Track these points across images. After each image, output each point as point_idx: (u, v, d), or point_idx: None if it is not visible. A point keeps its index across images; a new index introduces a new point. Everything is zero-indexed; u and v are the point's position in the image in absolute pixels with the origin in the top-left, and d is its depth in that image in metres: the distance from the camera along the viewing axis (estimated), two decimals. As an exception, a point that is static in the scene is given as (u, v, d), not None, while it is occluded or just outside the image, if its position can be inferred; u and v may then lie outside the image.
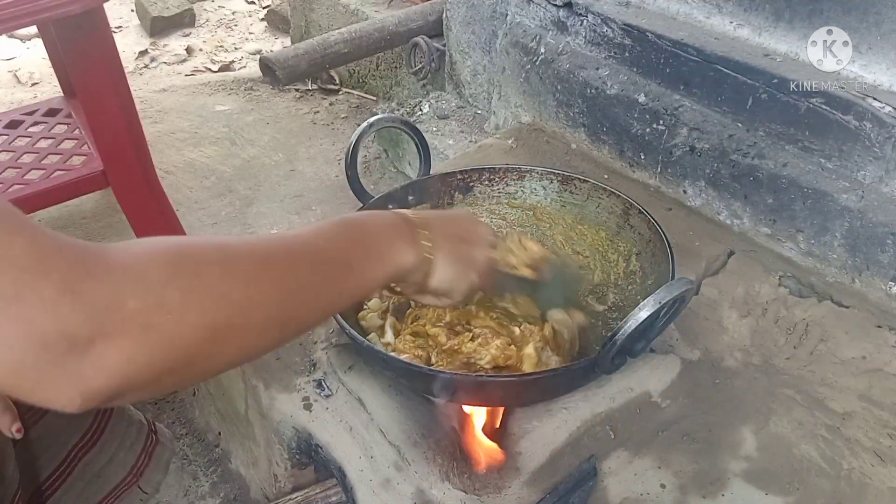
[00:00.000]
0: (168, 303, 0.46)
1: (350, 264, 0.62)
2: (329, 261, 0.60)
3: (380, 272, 0.65)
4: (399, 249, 0.67)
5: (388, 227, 0.68)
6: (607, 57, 1.39)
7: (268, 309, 0.53)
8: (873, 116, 1.02)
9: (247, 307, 0.51)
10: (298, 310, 0.57)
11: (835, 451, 0.88)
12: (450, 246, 0.73)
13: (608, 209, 1.07)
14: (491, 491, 0.84)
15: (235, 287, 0.51)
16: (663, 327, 0.80)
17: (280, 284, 0.55)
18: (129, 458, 1.10)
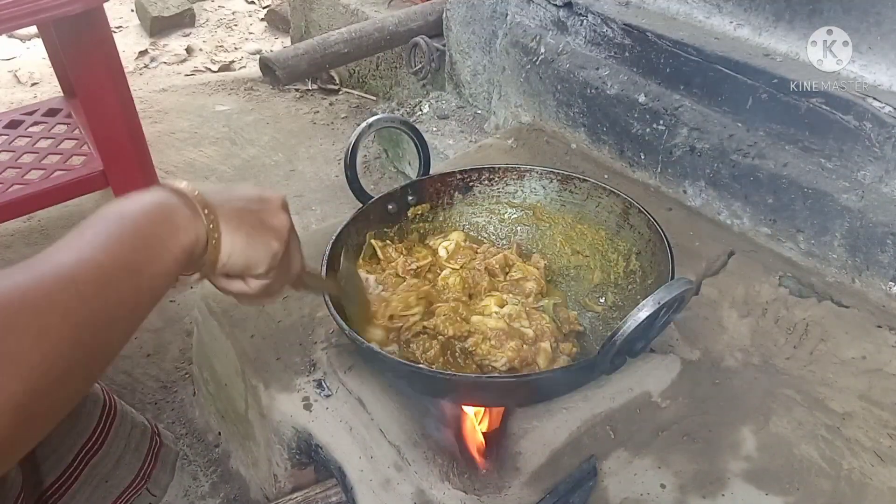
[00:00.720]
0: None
1: (137, 269, 0.53)
2: (114, 274, 0.52)
3: (169, 261, 0.56)
4: (181, 228, 0.58)
5: (161, 206, 0.58)
6: (607, 57, 1.39)
7: (66, 355, 0.46)
8: (873, 116, 1.02)
9: (44, 364, 0.44)
10: (99, 342, 0.50)
11: (835, 451, 0.88)
12: (234, 211, 0.63)
13: (608, 209, 1.07)
14: (491, 491, 0.84)
15: (24, 346, 0.44)
16: (663, 327, 0.80)
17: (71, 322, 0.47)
18: (136, 461, 1.09)
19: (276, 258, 0.66)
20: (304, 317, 1.09)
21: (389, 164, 2.06)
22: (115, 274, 0.51)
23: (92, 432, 1.02)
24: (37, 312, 0.45)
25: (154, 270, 0.55)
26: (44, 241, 1.88)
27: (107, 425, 1.04)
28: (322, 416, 0.95)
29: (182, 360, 1.48)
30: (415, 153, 1.13)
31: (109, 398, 1.05)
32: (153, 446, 1.13)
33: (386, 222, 1.10)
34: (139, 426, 1.11)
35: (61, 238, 0.53)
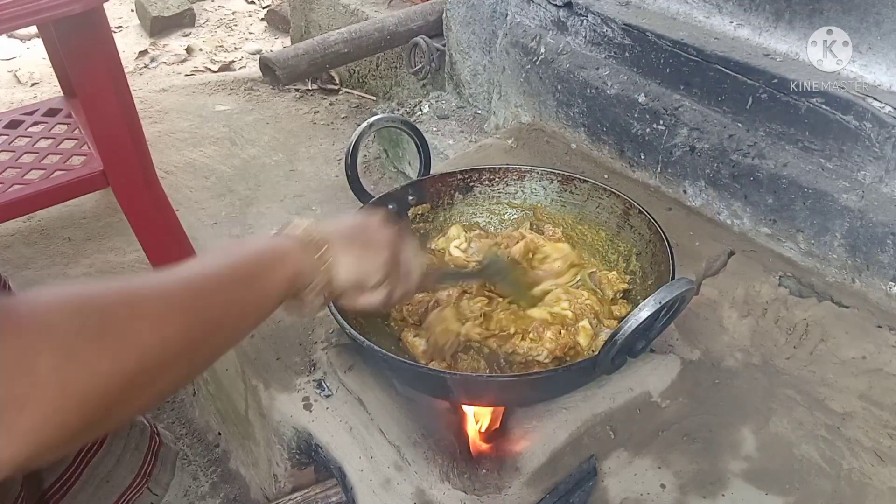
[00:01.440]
0: (80, 355, 0.44)
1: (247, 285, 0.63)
2: (227, 285, 0.61)
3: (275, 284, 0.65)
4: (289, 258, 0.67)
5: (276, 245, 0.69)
6: (607, 57, 1.39)
7: (178, 344, 0.53)
8: (873, 116, 1.02)
9: (157, 347, 0.51)
10: (208, 340, 0.58)
11: (835, 451, 0.88)
12: (342, 232, 0.73)
13: (608, 209, 1.07)
14: (491, 491, 0.84)
15: (144, 328, 0.50)
16: (663, 327, 0.80)
17: (187, 318, 0.55)
18: (136, 460, 1.09)
19: (386, 268, 0.75)
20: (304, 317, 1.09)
21: (389, 164, 2.06)
22: (228, 287, 0.61)
23: None
24: (161, 305, 0.53)
25: (261, 291, 0.64)
26: (44, 241, 1.88)
27: None
28: (322, 416, 0.95)
29: (182, 360, 1.48)
30: (415, 153, 1.13)
31: None
32: (153, 445, 1.13)
33: (386, 222, 1.10)
34: (138, 425, 1.11)
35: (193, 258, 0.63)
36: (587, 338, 0.93)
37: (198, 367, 0.60)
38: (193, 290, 0.57)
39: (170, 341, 0.52)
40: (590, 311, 0.97)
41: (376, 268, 0.74)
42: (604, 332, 0.95)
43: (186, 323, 0.54)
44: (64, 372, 0.43)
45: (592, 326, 0.95)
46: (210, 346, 0.59)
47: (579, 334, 0.93)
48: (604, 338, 0.93)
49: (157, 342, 0.51)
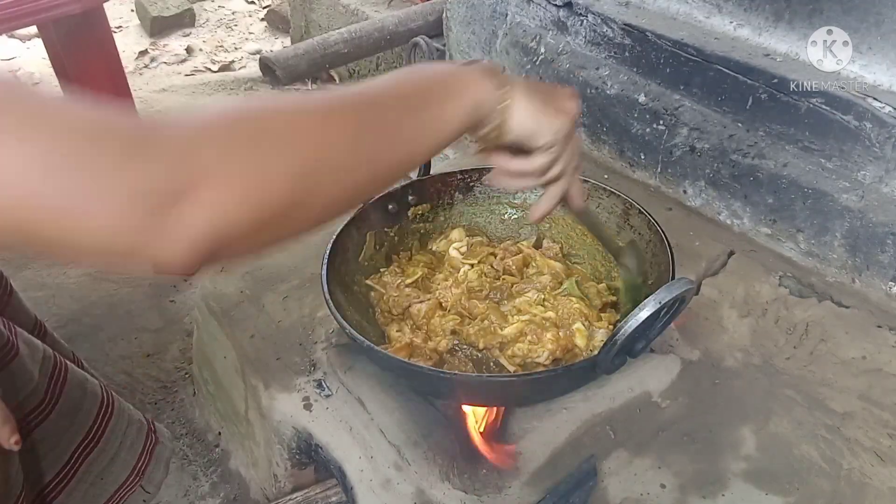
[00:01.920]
0: (241, 150, 0.45)
1: (421, 106, 0.60)
2: (396, 104, 0.59)
3: (455, 110, 0.63)
4: (472, 85, 0.65)
5: (458, 70, 0.66)
6: (607, 57, 1.39)
7: (340, 155, 0.52)
8: (873, 116, 1.02)
9: (318, 151, 0.50)
10: (378, 148, 0.56)
11: (835, 451, 0.88)
12: (530, 88, 0.70)
13: (608, 209, 1.07)
14: (491, 491, 0.84)
15: (304, 132, 0.50)
16: (663, 327, 0.80)
17: (348, 132, 0.53)
18: (131, 459, 1.10)
19: (559, 133, 0.71)
20: (304, 317, 1.09)
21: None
22: (398, 105, 0.58)
23: (89, 429, 1.02)
24: (319, 115, 0.52)
25: (437, 114, 0.61)
26: (44, 241, 1.87)
27: (103, 423, 1.04)
28: (322, 415, 0.95)
29: (182, 360, 1.48)
30: (415, 153, 1.13)
31: (107, 396, 1.05)
32: (148, 444, 1.13)
33: (386, 222, 1.10)
34: (135, 424, 1.12)
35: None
36: (583, 339, 0.93)
37: (372, 182, 0.58)
38: (367, 97, 0.56)
39: (336, 146, 0.51)
40: (579, 315, 0.97)
41: (551, 127, 0.70)
42: (599, 334, 0.95)
43: (355, 128, 0.53)
44: (227, 163, 0.44)
45: (586, 327, 0.95)
46: (383, 161, 0.56)
47: (575, 336, 0.93)
48: (600, 340, 0.93)
49: (318, 149, 0.50)
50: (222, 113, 0.48)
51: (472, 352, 0.95)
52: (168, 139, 0.43)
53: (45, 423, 0.95)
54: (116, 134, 0.41)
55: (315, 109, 0.52)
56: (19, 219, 0.40)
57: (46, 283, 1.73)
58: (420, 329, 0.98)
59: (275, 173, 0.47)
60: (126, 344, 1.53)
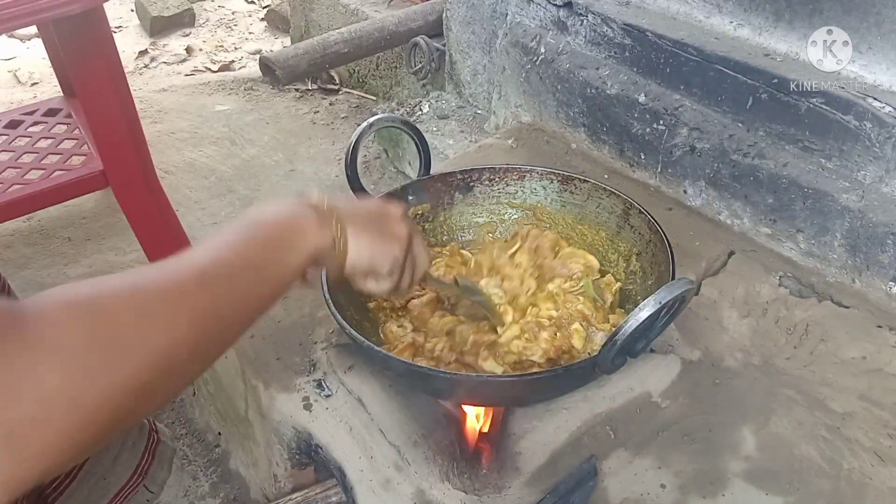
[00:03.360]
0: (90, 369, 0.43)
1: (264, 266, 0.61)
2: (242, 271, 0.58)
3: (295, 262, 0.64)
4: (309, 233, 0.66)
5: (294, 214, 0.66)
6: (607, 57, 1.39)
7: (191, 343, 0.51)
8: (873, 116, 1.02)
9: (170, 348, 0.49)
10: (222, 332, 0.56)
11: (835, 451, 0.88)
12: (360, 220, 0.72)
13: (608, 209, 1.07)
14: (491, 491, 0.84)
15: (154, 333, 0.48)
16: (664, 327, 0.80)
17: (199, 313, 0.52)
18: (133, 458, 1.10)
19: (397, 261, 0.74)
20: (304, 317, 1.09)
21: (389, 164, 2.06)
22: (243, 272, 0.58)
23: None
24: (169, 303, 0.50)
25: (279, 270, 0.62)
26: (44, 240, 1.88)
27: None
28: (322, 416, 0.95)
29: (182, 360, 1.48)
30: (415, 153, 1.13)
31: None
32: (150, 443, 1.13)
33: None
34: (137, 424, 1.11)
35: (203, 240, 0.60)
36: (581, 340, 0.93)
37: (212, 358, 0.58)
38: (207, 281, 0.54)
39: (182, 342, 0.50)
40: (579, 316, 0.97)
41: (389, 258, 0.74)
42: (598, 336, 0.95)
43: (200, 319, 0.52)
44: (74, 389, 0.42)
45: (584, 329, 0.94)
46: (225, 337, 0.57)
47: (573, 337, 0.93)
48: (598, 341, 0.93)
49: (169, 345, 0.49)
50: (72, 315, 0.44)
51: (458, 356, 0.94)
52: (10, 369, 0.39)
53: None
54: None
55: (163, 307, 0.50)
56: None
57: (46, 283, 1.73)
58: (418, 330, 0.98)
59: (122, 386, 0.45)
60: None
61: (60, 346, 0.42)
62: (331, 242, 0.67)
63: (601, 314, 0.98)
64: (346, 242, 0.69)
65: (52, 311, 0.43)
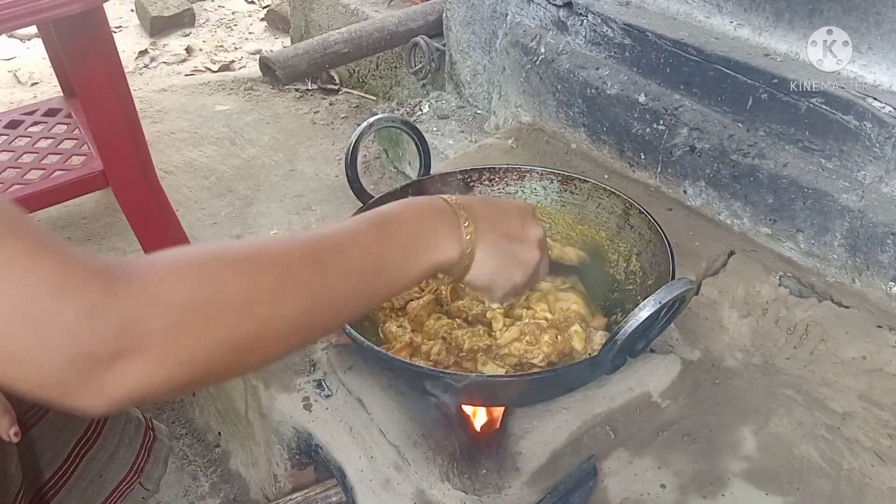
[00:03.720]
0: (188, 322, 0.46)
1: (384, 267, 0.59)
2: (360, 267, 0.57)
3: (416, 271, 0.62)
4: (438, 245, 0.63)
5: (429, 218, 0.64)
6: (607, 57, 1.39)
7: (292, 319, 0.52)
8: (873, 116, 1.02)
9: (269, 319, 0.50)
10: (324, 317, 0.56)
11: (835, 451, 0.88)
12: (494, 239, 0.68)
13: (608, 209, 1.07)
14: (491, 491, 0.84)
15: (258, 300, 0.50)
16: (664, 327, 0.80)
17: (305, 294, 0.53)
18: (130, 456, 1.10)
19: (515, 289, 0.72)
20: (304, 317, 1.09)
21: (389, 164, 2.06)
22: (361, 268, 0.57)
23: (87, 427, 1.02)
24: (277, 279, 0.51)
25: (401, 275, 0.61)
26: (44, 241, 1.88)
27: (101, 421, 1.04)
28: (322, 416, 0.95)
29: (182, 360, 1.48)
30: (415, 153, 1.13)
31: None
32: (146, 441, 1.13)
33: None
34: (133, 421, 1.12)
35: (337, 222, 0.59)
36: (581, 342, 0.93)
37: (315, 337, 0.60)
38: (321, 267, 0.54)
39: (283, 316, 0.51)
40: (577, 317, 0.97)
41: (507, 287, 0.72)
42: (597, 336, 0.95)
43: (305, 300, 0.53)
44: (172, 336, 0.45)
45: (584, 330, 0.94)
46: (328, 321, 0.57)
47: (573, 339, 0.93)
48: (598, 341, 0.93)
49: (269, 316, 0.50)
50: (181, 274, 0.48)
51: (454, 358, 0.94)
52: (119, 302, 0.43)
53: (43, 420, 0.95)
54: (73, 295, 0.42)
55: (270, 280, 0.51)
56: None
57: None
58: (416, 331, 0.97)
59: (215, 344, 0.48)
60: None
61: (164, 297, 0.45)
62: (458, 260, 0.65)
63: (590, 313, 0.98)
64: (474, 259, 0.66)
65: (160, 268, 0.47)
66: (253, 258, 0.51)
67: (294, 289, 0.52)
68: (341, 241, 0.57)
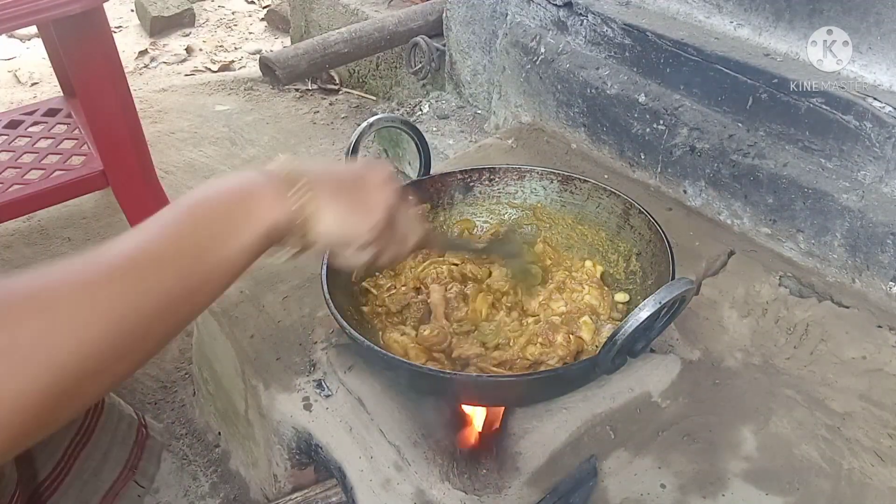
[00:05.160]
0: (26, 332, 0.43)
1: (203, 253, 0.54)
2: (173, 261, 0.52)
3: (242, 244, 0.56)
4: (262, 209, 0.58)
5: (243, 188, 0.59)
6: (607, 57, 1.39)
7: (109, 343, 0.47)
8: (873, 116, 1.02)
9: (80, 352, 0.45)
10: (150, 329, 0.51)
11: (835, 451, 0.88)
12: (331, 190, 0.63)
13: (608, 209, 1.07)
14: (491, 491, 0.84)
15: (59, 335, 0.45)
16: (664, 327, 0.80)
17: (116, 313, 0.47)
18: (123, 454, 1.09)
19: (374, 231, 0.67)
20: (304, 317, 1.09)
21: (389, 164, 2.06)
22: (175, 262, 0.52)
23: (79, 427, 1.02)
24: (77, 304, 0.46)
25: (224, 253, 0.55)
26: (44, 241, 1.88)
27: (93, 420, 1.04)
28: (322, 416, 0.95)
29: (182, 360, 1.48)
30: (415, 153, 1.13)
31: None
32: (139, 438, 1.13)
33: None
34: (126, 419, 1.11)
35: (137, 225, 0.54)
36: (590, 332, 0.94)
37: (148, 354, 0.52)
38: (127, 276, 0.48)
39: (97, 343, 0.46)
40: (588, 309, 0.98)
41: (365, 228, 0.66)
42: (606, 328, 0.95)
43: (117, 319, 0.47)
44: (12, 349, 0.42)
45: (593, 322, 0.95)
46: (157, 333, 0.51)
47: (582, 329, 0.94)
48: (606, 333, 0.94)
49: (78, 349, 0.45)
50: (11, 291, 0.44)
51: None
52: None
53: None
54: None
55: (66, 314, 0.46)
56: None
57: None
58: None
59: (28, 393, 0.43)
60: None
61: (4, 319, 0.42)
62: (289, 216, 0.59)
63: (608, 302, 0.99)
64: (315, 211, 0.61)
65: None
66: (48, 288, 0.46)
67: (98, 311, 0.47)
68: (145, 241, 0.52)
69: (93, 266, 0.48)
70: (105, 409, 1.06)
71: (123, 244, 0.51)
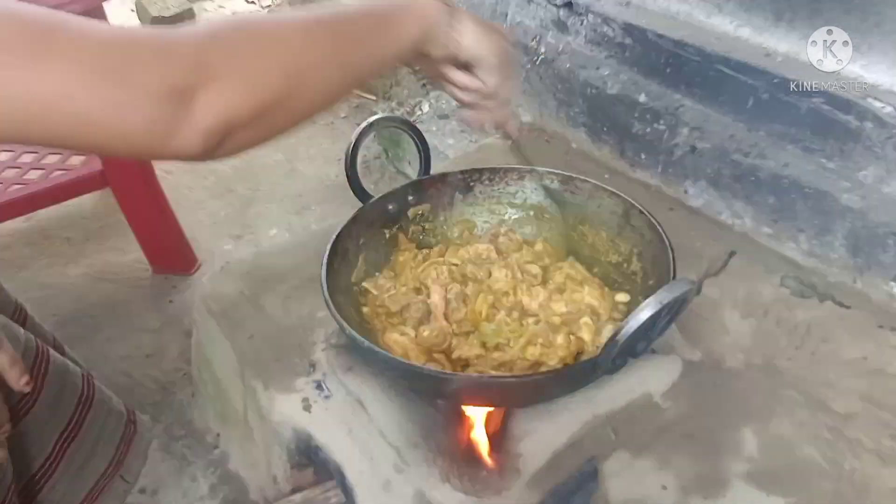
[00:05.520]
0: (241, 54, 0.57)
1: (388, 19, 0.73)
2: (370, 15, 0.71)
3: (413, 26, 0.74)
4: (429, 9, 0.76)
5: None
6: (608, 56, 1.39)
7: (325, 52, 0.64)
8: (874, 116, 1.02)
9: (307, 52, 0.63)
10: (349, 55, 0.68)
11: (837, 452, 0.88)
12: (476, 19, 0.81)
13: (609, 209, 1.07)
14: (491, 493, 0.84)
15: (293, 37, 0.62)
16: (665, 328, 0.79)
17: (330, 32, 0.66)
18: (110, 448, 1.09)
19: (503, 55, 0.83)
20: (303, 317, 1.09)
21: (389, 164, 2.06)
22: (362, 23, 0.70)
23: (68, 421, 1.02)
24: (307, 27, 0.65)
25: (395, 32, 0.74)
26: (44, 241, 1.88)
27: (82, 414, 1.04)
28: (321, 417, 0.95)
29: (181, 361, 1.48)
30: (415, 153, 1.13)
31: (88, 387, 1.05)
32: (127, 433, 1.13)
33: (386, 222, 1.10)
34: (115, 414, 1.11)
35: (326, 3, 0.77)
36: (590, 332, 0.93)
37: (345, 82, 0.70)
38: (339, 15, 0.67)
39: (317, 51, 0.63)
40: (588, 309, 0.97)
41: (496, 48, 0.82)
42: (606, 329, 0.95)
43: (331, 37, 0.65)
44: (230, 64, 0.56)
45: (593, 322, 0.95)
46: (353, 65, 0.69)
47: (582, 330, 0.93)
48: (606, 336, 0.93)
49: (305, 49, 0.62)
50: (224, 23, 0.59)
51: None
52: (182, 46, 0.54)
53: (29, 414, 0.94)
54: (141, 47, 0.52)
55: (298, 22, 0.64)
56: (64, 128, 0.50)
57: (46, 284, 1.73)
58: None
59: (269, 71, 0.59)
60: (125, 344, 1.53)
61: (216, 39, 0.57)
62: (446, 22, 0.77)
63: (609, 302, 0.98)
64: (462, 26, 0.78)
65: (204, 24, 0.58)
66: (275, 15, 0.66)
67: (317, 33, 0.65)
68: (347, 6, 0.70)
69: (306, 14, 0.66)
70: (94, 405, 1.06)
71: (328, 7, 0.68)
